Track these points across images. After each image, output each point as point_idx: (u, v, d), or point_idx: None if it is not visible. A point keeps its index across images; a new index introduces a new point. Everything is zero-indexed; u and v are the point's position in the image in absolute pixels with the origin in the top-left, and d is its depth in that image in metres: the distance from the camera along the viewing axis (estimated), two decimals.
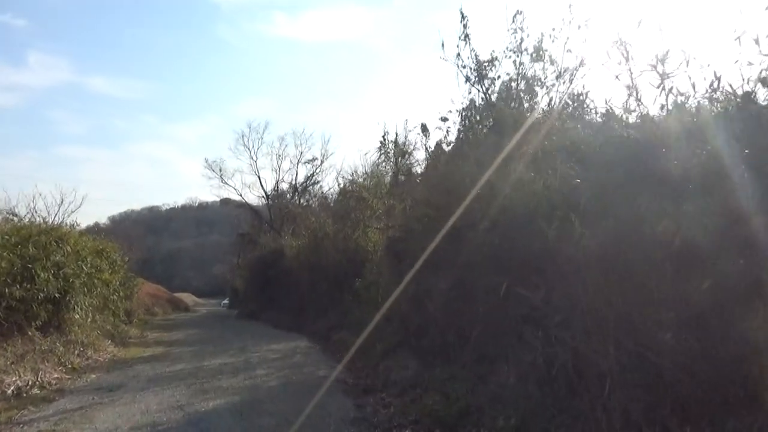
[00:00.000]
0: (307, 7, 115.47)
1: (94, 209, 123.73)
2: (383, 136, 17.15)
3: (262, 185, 38.02)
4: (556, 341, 5.12)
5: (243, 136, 38.51)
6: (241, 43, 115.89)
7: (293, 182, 36.41)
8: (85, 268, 11.72)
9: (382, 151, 16.88)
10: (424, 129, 17.32)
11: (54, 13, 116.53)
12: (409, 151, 17.19)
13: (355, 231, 18.55)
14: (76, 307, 10.90)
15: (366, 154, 16.56)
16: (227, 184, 38.36)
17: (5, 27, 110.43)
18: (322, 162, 35.73)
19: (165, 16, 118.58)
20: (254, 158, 37.92)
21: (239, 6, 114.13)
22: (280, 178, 36.84)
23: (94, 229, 47.37)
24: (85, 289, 11.71)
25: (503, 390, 5.73)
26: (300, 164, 36.68)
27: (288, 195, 36.80)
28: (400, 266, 10.02)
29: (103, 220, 68.32)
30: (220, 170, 38.16)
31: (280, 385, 8.12)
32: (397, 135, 16.71)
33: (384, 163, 17.03)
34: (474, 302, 6.83)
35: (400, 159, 17.23)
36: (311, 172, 36.24)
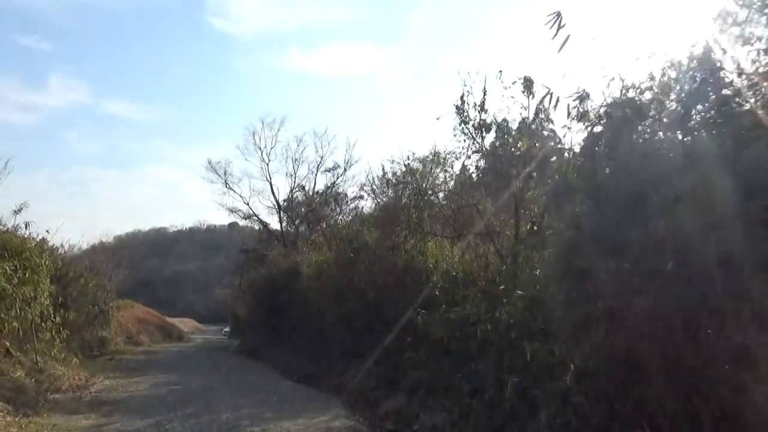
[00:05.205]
0: (321, 43, 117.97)
1: (101, 228, 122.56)
2: (462, 98, 11.57)
3: (273, 192, 31.98)
4: None
5: (254, 134, 32.19)
6: (256, 75, 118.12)
7: (310, 191, 30.46)
8: None
9: (461, 119, 11.26)
10: (528, 84, 11.73)
11: (77, 38, 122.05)
12: (497, 122, 11.57)
13: (408, 240, 12.80)
14: None
15: (438, 119, 10.39)
16: (232, 189, 32.36)
17: (30, 50, 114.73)
18: (345, 170, 29.90)
19: (183, 45, 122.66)
20: (266, 160, 31.82)
21: (256, 40, 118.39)
22: (296, 185, 30.95)
23: (99, 247, 42.48)
24: None
25: None
26: (320, 172, 30.87)
27: (303, 209, 30.93)
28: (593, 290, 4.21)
29: (109, 239, 63.87)
30: (225, 173, 32.36)
31: None
32: (485, 92, 11.11)
33: (464, 140, 11.29)
34: None
35: (484, 132, 11.64)
36: (332, 182, 30.41)
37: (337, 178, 30.01)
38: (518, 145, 10.62)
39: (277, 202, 31.67)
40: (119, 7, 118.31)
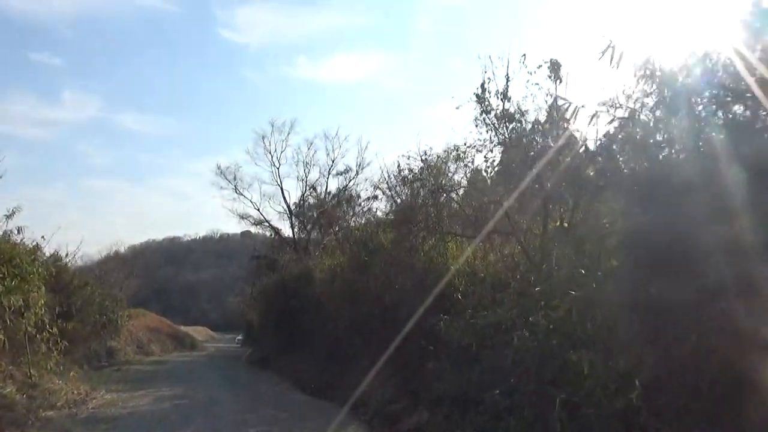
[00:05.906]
0: (328, 51, 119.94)
1: (115, 239, 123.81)
2: (482, 86, 10.73)
3: (284, 197, 31.36)
4: None
5: (264, 138, 31.62)
6: (266, 85, 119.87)
7: (322, 193, 29.67)
8: None
9: (482, 109, 10.42)
10: (555, 68, 10.80)
11: (89, 53, 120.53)
12: (522, 111, 10.70)
13: (426, 241, 11.96)
14: None
15: (458, 108, 9.46)
16: (242, 195, 31.64)
17: (43, 66, 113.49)
18: (357, 173, 29.07)
19: (193, 57, 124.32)
20: (276, 164, 31.28)
21: (264, 50, 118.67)
22: (307, 188, 30.20)
23: (112, 257, 42.19)
24: None
25: None
26: (331, 176, 30.08)
27: (314, 212, 30.12)
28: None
29: (123, 249, 64.21)
30: (235, 178, 31.68)
31: None
32: (508, 78, 10.26)
33: (485, 131, 10.42)
34: None
35: (508, 122, 10.78)
36: (344, 185, 29.59)
37: (350, 181, 29.26)
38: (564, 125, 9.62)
39: (288, 206, 31.00)
40: (129, 21, 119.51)
